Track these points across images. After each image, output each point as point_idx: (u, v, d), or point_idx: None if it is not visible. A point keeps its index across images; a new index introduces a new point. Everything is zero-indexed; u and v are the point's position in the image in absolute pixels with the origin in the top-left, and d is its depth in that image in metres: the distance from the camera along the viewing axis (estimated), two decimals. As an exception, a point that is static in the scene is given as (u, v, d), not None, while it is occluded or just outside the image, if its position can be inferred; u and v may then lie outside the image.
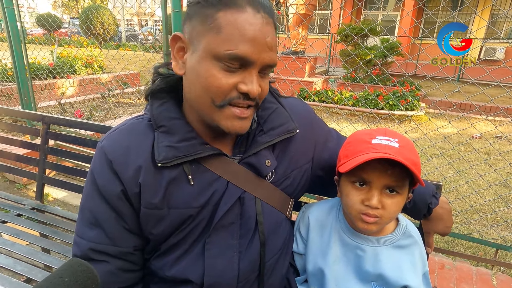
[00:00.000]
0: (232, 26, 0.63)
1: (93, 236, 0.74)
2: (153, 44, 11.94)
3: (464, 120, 5.19)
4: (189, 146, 0.72)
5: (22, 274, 1.23)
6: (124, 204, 0.73)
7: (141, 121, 0.77)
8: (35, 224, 1.58)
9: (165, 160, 0.71)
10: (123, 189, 0.72)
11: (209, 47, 0.65)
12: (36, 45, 5.38)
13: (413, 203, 0.90)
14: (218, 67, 0.65)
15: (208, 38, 0.65)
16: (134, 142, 0.73)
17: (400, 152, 0.73)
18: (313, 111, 0.93)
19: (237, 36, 0.62)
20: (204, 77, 0.66)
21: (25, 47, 3.08)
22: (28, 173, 1.88)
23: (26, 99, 3.20)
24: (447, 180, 3.34)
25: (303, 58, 7.11)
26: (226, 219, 0.76)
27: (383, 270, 0.80)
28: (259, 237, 0.79)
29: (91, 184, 0.74)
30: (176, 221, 0.74)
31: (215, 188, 0.75)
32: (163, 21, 2.29)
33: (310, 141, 0.88)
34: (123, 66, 5.85)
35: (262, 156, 0.78)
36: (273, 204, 0.82)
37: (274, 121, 0.81)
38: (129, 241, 0.76)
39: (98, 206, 0.74)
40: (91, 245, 0.74)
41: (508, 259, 2.16)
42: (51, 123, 1.72)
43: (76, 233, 0.77)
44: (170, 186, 0.72)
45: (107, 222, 0.74)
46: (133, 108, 5.45)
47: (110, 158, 0.72)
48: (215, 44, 0.64)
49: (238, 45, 0.62)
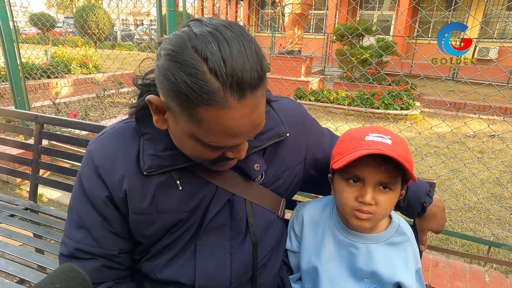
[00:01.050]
0: (215, 123, 0.55)
1: (80, 237, 0.74)
2: (149, 44, 11.88)
3: (458, 119, 5.24)
4: (173, 155, 0.71)
5: (14, 275, 1.21)
6: (110, 209, 0.73)
7: (129, 125, 0.76)
8: (28, 224, 1.57)
9: (150, 169, 0.70)
10: (109, 194, 0.72)
11: (191, 132, 0.59)
12: (29, 45, 5.33)
13: (407, 202, 0.90)
14: (201, 144, 0.61)
15: (190, 126, 0.58)
16: (121, 148, 0.73)
17: (393, 149, 0.73)
18: (306, 111, 0.92)
19: (222, 133, 0.57)
20: (189, 148, 0.65)
21: (18, 46, 3.05)
22: (21, 173, 1.86)
23: (19, 98, 3.17)
24: (441, 179, 3.36)
25: (299, 57, 7.13)
26: (217, 221, 0.76)
27: (376, 267, 0.80)
28: (251, 238, 0.79)
29: (78, 187, 0.75)
30: (166, 224, 0.74)
31: (204, 193, 0.75)
32: (158, 20, 2.28)
33: (302, 141, 0.87)
34: (118, 65, 5.81)
35: (251, 160, 0.77)
36: (264, 205, 0.82)
37: (264, 125, 0.81)
38: (115, 244, 0.76)
39: (84, 210, 0.74)
40: (78, 246, 0.74)
41: (501, 256, 2.19)
42: (44, 123, 1.70)
43: (65, 234, 0.77)
44: (158, 192, 0.72)
45: (93, 225, 0.74)
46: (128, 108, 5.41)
47: (96, 164, 0.72)
48: (198, 134, 0.59)
49: (226, 140, 0.59)
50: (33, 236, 1.52)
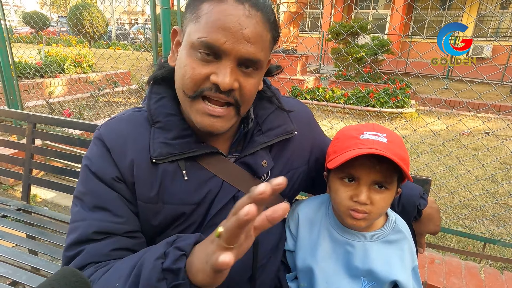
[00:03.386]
0: (208, 15, 0.62)
1: (98, 217, 0.68)
2: (144, 42, 11.81)
3: (453, 117, 5.27)
4: (184, 143, 0.71)
5: (6, 277, 1.20)
6: (123, 187, 0.71)
7: (141, 113, 0.76)
8: (21, 225, 1.55)
9: (159, 156, 0.70)
10: (119, 175, 0.70)
11: (188, 36, 0.65)
12: (22, 44, 5.27)
13: (402, 207, 0.90)
14: (195, 56, 0.64)
15: (190, 28, 0.65)
16: (133, 133, 0.73)
17: (389, 148, 0.73)
18: (312, 114, 0.93)
19: (210, 24, 0.62)
20: (181, 66, 0.66)
21: (10, 45, 3.01)
22: (14, 173, 1.84)
23: (12, 98, 3.13)
24: (437, 176, 3.38)
25: (294, 56, 7.12)
26: (219, 218, 0.75)
27: (372, 265, 0.80)
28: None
29: (87, 173, 0.72)
30: (170, 215, 0.73)
31: (210, 187, 0.74)
32: (152, 19, 2.26)
33: (307, 143, 0.87)
34: (112, 64, 5.77)
35: (259, 156, 0.77)
36: (267, 205, 0.81)
37: (273, 121, 0.80)
38: (135, 220, 0.72)
39: (98, 189, 0.70)
40: (96, 225, 0.68)
41: (496, 252, 2.20)
42: (37, 122, 1.68)
43: (74, 220, 0.70)
44: (164, 181, 0.71)
45: (111, 202, 0.70)
46: (123, 107, 5.38)
47: (108, 146, 0.71)
48: (192, 32, 0.64)
49: (210, 33, 0.62)
50: (26, 237, 1.50)
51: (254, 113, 0.80)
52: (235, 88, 0.65)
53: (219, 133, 0.69)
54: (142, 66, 7.96)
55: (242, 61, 0.64)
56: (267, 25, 0.66)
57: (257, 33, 0.64)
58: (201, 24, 0.63)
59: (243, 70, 0.66)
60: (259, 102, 0.82)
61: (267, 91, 0.82)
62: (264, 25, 0.65)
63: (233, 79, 0.64)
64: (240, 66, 0.65)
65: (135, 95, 5.72)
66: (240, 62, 0.65)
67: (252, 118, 0.80)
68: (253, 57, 0.64)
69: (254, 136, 0.78)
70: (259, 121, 0.80)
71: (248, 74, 0.67)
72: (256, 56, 0.65)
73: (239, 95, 0.67)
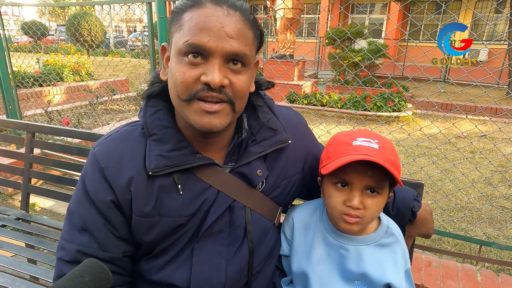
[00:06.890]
0: (190, 20, 0.66)
1: (83, 241, 0.73)
2: (142, 50, 11.87)
3: (449, 120, 5.30)
4: (180, 155, 0.72)
5: (5, 286, 1.20)
6: (114, 213, 0.73)
7: (135, 128, 0.77)
8: (20, 234, 1.56)
9: (156, 169, 0.71)
10: (113, 198, 0.72)
11: (175, 45, 0.68)
12: (21, 53, 5.30)
13: (397, 210, 0.92)
14: (183, 62, 0.66)
15: (175, 37, 0.69)
16: (127, 150, 0.74)
17: (380, 154, 0.75)
18: (306, 122, 0.94)
19: (193, 27, 0.65)
20: (173, 74, 0.68)
21: (9, 55, 3.03)
22: (13, 182, 1.85)
23: (10, 107, 3.15)
24: (433, 179, 3.40)
25: (291, 61, 7.17)
26: (215, 227, 0.77)
27: (366, 269, 0.81)
28: (248, 246, 0.79)
29: (81, 190, 0.74)
30: (167, 228, 0.74)
31: (205, 197, 0.75)
32: (149, 27, 2.30)
33: (301, 152, 0.89)
34: (110, 72, 5.80)
35: (253, 166, 0.78)
36: (263, 213, 0.83)
37: (267, 131, 0.81)
38: (119, 247, 0.76)
39: (88, 213, 0.73)
40: (81, 249, 0.73)
41: (492, 255, 2.21)
42: (36, 132, 1.70)
43: (63, 238, 0.76)
44: (161, 195, 0.73)
45: (96, 228, 0.73)
46: (121, 114, 5.40)
47: (102, 166, 0.72)
48: (178, 40, 0.67)
49: (193, 35, 0.64)
50: (25, 246, 1.51)
51: (248, 123, 0.82)
52: (225, 84, 0.66)
53: (218, 131, 0.70)
54: (140, 73, 7.99)
55: (229, 56, 0.66)
56: (247, 22, 0.68)
57: (238, 29, 0.66)
58: (185, 30, 0.66)
59: (231, 68, 0.67)
60: (253, 112, 0.83)
61: (260, 101, 0.83)
62: (244, 23, 0.68)
63: (222, 76, 0.65)
64: (227, 63, 0.67)
65: (133, 102, 5.74)
66: (226, 58, 0.66)
67: (246, 128, 0.81)
68: (239, 51, 0.66)
69: (249, 146, 0.79)
70: (253, 131, 0.81)
71: (237, 71, 0.68)
72: (241, 50, 0.66)
73: (231, 92, 0.68)
